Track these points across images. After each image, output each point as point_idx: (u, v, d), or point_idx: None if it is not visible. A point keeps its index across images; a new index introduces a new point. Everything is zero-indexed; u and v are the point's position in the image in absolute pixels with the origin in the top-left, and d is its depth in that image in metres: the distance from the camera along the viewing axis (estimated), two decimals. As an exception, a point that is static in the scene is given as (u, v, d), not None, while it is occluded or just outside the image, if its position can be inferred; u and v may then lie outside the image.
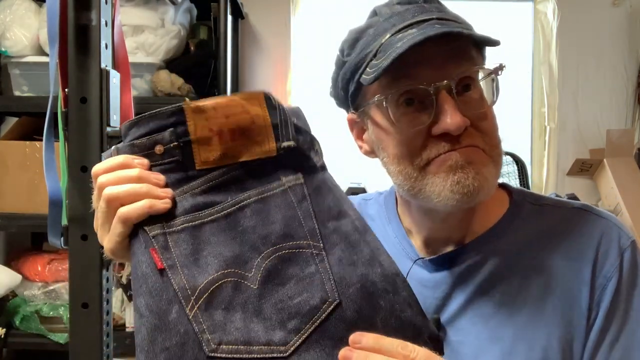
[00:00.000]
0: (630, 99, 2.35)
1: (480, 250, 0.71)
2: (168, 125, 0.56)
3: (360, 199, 0.87)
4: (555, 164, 2.35)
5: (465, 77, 0.66)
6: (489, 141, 0.67)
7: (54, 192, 0.90)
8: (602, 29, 2.34)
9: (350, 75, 0.70)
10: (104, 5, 0.93)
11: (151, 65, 1.83)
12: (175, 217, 0.56)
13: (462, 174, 0.64)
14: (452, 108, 0.63)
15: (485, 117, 0.67)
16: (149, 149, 0.56)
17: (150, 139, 0.56)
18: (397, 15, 0.68)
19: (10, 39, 1.81)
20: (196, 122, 0.56)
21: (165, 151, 0.56)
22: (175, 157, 0.56)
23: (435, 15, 0.66)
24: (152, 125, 0.56)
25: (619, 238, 0.68)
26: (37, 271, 1.85)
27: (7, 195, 1.77)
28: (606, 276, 0.66)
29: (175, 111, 0.56)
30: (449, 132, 0.63)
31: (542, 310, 0.66)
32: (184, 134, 0.56)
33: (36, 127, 1.90)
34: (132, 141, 0.57)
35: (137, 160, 0.57)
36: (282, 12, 2.36)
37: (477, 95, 0.68)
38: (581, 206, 0.73)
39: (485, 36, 0.65)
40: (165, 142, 0.56)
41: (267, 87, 2.36)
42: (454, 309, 0.70)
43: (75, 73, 0.92)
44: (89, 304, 0.95)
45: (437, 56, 0.64)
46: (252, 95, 0.58)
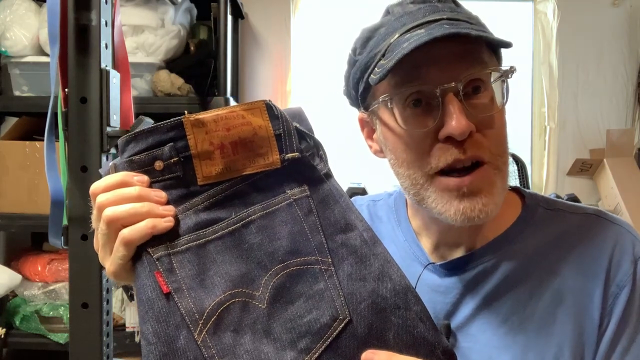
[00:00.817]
0: (630, 99, 2.35)
1: (492, 256, 0.69)
2: (167, 140, 0.54)
3: (369, 200, 0.85)
4: (555, 164, 2.35)
5: (474, 79, 0.64)
6: (495, 149, 0.65)
7: (55, 192, 0.90)
8: (602, 29, 2.34)
9: (360, 74, 0.69)
10: (104, 5, 0.93)
11: (151, 65, 1.83)
12: (179, 237, 0.54)
13: (468, 204, 0.63)
14: (457, 111, 0.61)
15: (493, 122, 0.65)
16: (148, 165, 0.55)
17: (149, 154, 0.54)
18: (408, 14, 0.67)
19: (10, 39, 1.81)
20: (196, 136, 0.54)
21: (165, 167, 0.54)
22: (176, 173, 0.54)
23: (447, 15, 0.65)
24: (151, 141, 0.54)
25: (633, 246, 0.66)
26: (37, 271, 1.85)
27: (7, 195, 1.77)
28: (619, 285, 0.65)
29: (175, 125, 0.54)
30: (453, 136, 0.62)
31: (554, 318, 0.65)
32: (184, 148, 0.54)
33: (36, 127, 1.90)
34: (130, 157, 0.55)
35: (136, 178, 0.55)
36: (282, 12, 2.36)
37: (487, 99, 0.66)
38: (595, 212, 0.71)
39: (496, 38, 0.63)
40: (165, 158, 0.54)
41: (267, 87, 2.36)
42: (464, 315, 0.69)
43: (75, 73, 0.92)
44: (89, 304, 0.95)
45: (446, 57, 0.63)
46: (253, 105, 0.56)
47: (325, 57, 2.40)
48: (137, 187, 0.55)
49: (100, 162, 0.94)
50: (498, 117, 0.66)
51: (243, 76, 2.34)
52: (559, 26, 2.31)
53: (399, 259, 0.74)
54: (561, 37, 2.31)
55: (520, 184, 2.15)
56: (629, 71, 2.35)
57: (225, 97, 1.81)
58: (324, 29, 2.44)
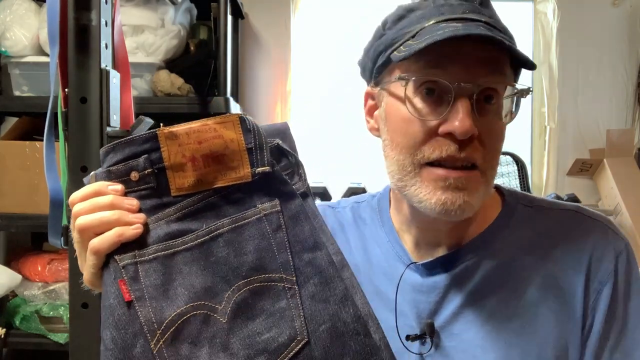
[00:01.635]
0: (630, 99, 2.35)
1: (473, 254, 0.70)
2: (142, 151, 0.56)
3: (352, 202, 0.85)
4: (555, 164, 2.35)
5: (490, 88, 0.64)
6: (489, 159, 0.66)
7: (54, 192, 0.90)
8: (602, 29, 2.34)
9: (384, 48, 0.69)
10: (104, 5, 0.93)
11: (151, 65, 1.83)
12: (148, 246, 0.55)
13: (450, 196, 0.64)
14: (465, 112, 0.62)
15: (494, 134, 0.66)
16: (125, 176, 0.56)
17: (126, 165, 0.56)
18: (448, 5, 0.67)
19: (10, 39, 1.80)
20: (170, 148, 0.55)
21: (140, 178, 0.56)
22: (150, 184, 0.56)
23: (485, 19, 0.65)
24: (128, 152, 0.56)
25: (614, 242, 0.68)
26: (37, 271, 1.85)
27: (7, 195, 1.77)
28: (601, 281, 0.66)
29: (150, 137, 0.55)
30: (455, 134, 0.62)
31: (536, 316, 0.66)
32: (158, 160, 0.56)
33: (36, 127, 1.90)
34: (108, 167, 0.57)
35: (111, 187, 0.57)
36: (282, 12, 2.36)
37: (496, 110, 0.66)
38: (574, 208, 0.72)
39: (524, 55, 0.63)
40: (140, 169, 0.56)
41: (267, 87, 2.36)
42: (447, 314, 0.69)
43: (75, 73, 0.92)
44: (89, 304, 0.95)
45: (472, 58, 0.63)
46: (227, 118, 0.57)
47: (325, 57, 2.40)
48: (110, 196, 0.56)
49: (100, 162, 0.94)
50: (500, 130, 0.67)
51: (243, 76, 2.34)
52: (559, 26, 2.31)
53: (382, 260, 0.75)
54: (561, 37, 2.31)
55: (520, 184, 2.15)
56: (629, 71, 2.35)
57: (225, 97, 1.81)
58: (324, 29, 2.44)
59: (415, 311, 0.70)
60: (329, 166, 2.41)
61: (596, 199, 2.31)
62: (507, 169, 2.19)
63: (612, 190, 2.17)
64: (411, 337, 0.70)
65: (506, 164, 2.19)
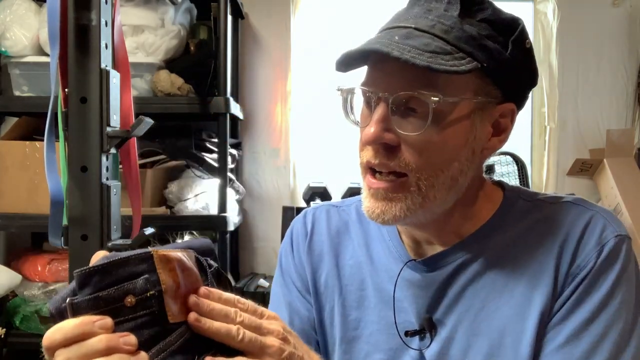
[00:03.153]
0: (630, 99, 2.35)
1: (469, 249, 0.72)
2: (139, 272, 0.49)
3: (357, 201, 0.86)
4: (555, 164, 2.35)
5: (412, 98, 0.63)
6: (416, 169, 0.65)
7: (55, 192, 0.90)
8: (602, 29, 2.34)
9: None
10: (104, 5, 0.93)
11: (151, 65, 1.83)
12: None
13: (370, 206, 0.68)
14: (376, 119, 0.64)
15: (420, 145, 0.64)
16: (117, 302, 0.48)
17: (119, 289, 0.48)
18: (397, 14, 0.70)
19: (10, 39, 1.81)
20: (164, 272, 0.50)
21: (137, 302, 0.48)
22: (152, 309, 0.49)
23: (422, 23, 0.65)
24: (122, 273, 0.48)
25: (603, 231, 0.68)
26: (37, 271, 1.85)
27: (7, 195, 1.77)
28: (580, 265, 0.66)
29: (145, 257, 0.49)
30: (365, 140, 0.66)
31: (529, 303, 0.67)
32: (157, 282, 0.49)
33: (36, 127, 1.90)
34: (96, 293, 0.47)
35: (98, 323, 0.46)
36: (282, 12, 2.36)
37: (420, 121, 0.64)
38: (573, 200, 0.73)
39: (424, 65, 0.60)
40: (138, 292, 0.48)
41: (267, 87, 2.36)
42: (444, 307, 0.71)
43: (75, 73, 0.92)
44: (89, 304, 0.95)
45: (393, 68, 0.64)
46: (191, 255, 0.54)
47: (325, 57, 2.40)
48: (102, 337, 0.45)
49: (100, 162, 0.94)
50: (428, 141, 0.65)
51: (243, 76, 2.34)
52: (559, 26, 2.31)
53: (383, 257, 0.77)
54: (561, 37, 2.31)
55: (520, 184, 2.15)
56: (629, 71, 2.34)
57: (225, 97, 1.81)
58: (324, 29, 2.44)
59: (415, 307, 0.72)
60: (329, 166, 2.41)
61: (596, 199, 2.31)
62: (507, 169, 2.19)
63: (612, 190, 2.17)
64: (410, 333, 0.72)
65: (506, 164, 2.19)
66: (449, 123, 0.65)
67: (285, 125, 2.35)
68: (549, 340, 0.66)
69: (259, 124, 2.36)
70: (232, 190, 2.05)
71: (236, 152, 2.19)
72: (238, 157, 2.24)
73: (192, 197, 1.84)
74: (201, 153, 1.91)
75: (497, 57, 0.66)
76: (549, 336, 0.66)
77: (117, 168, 1.03)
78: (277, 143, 2.36)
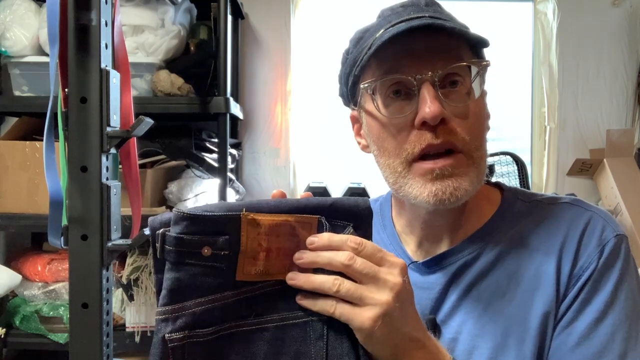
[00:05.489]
0: (630, 99, 2.35)
1: (471, 249, 0.72)
2: (222, 231, 0.55)
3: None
4: (555, 164, 2.35)
5: (451, 73, 0.67)
6: (470, 140, 0.68)
7: (54, 192, 0.90)
8: (602, 29, 2.34)
9: (350, 69, 0.74)
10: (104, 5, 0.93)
11: (151, 65, 1.83)
12: (199, 327, 0.54)
13: (440, 186, 0.66)
14: (431, 98, 0.65)
15: (468, 113, 0.68)
16: (196, 248, 0.55)
17: (201, 239, 0.54)
18: (395, 14, 0.71)
19: (10, 39, 1.81)
20: (249, 235, 0.55)
21: (212, 255, 0.54)
22: (221, 264, 0.55)
23: (430, 14, 0.69)
24: (207, 227, 0.55)
25: (602, 231, 0.69)
26: (37, 271, 1.85)
27: (7, 195, 1.77)
28: (583, 267, 0.67)
29: (232, 219, 0.55)
30: (426, 120, 0.65)
31: (531, 302, 0.68)
32: (235, 243, 0.55)
33: (36, 127, 1.90)
34: (181, 234, 0.55)
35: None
36: (282, 12, 2.36)
37: (463, 92, 0.69)
38: (571, 201, 0.74)
39: (471, 33, 0.67)
40: (216, 248, 0.55)
41: (267, 87, 2.36)
42: (447, 308, 0.71)
43: (75, 73, 0.92)
44: (89, 304, 0.95)
45: (424, 50, 0.67)
46: (307, 219, 0.57)
47: (325, 57, 2.40)
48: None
49: (100, 162, 0.94)
50: (474, 109, 0.69)
51: (243, 76, 2.34)
52: (559, 26, 2.31)
53: None
54: (561, 37, 2.31)
55: (520, 184, 2.15)
56: (629, 71, 2.35)
57: (226, 97, 1.81)
58: (324, 29, 2.44)
59: (418, 308, 0.72)
60: (329, 166, 2.41)
61: (596, 199, 2.31)
62: (507, 169, 2.19)
63: (612, 190, 2.17)
64: None
65: (506, 164, 2.19)
66: (479, 94, 0.70)
67: (285, 125, 2.35)
68: (561, 342, 0.66)
69: (258, 124, 2.36)
70: (232, 190, 2.05)
71: (236, 152, 2.19)
72: (238, 157, 2.24)
73: (192, 197, 1.84)
74: (201, 153, 1.91)
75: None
76: (561, 338, 0.66)
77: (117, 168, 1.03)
78: (277, 143, 2.36)
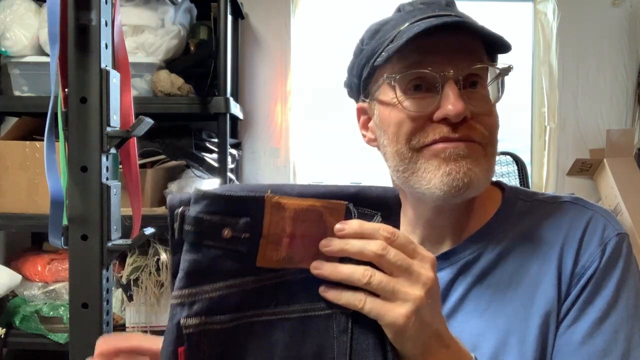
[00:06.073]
0: (630, 99, 2.35)
1: (474, 248, 0.72)
2: (244, 213, 0.51)
3: None
4: (555, 164, 2.35)
5: (473, 73, 0.68)
6: (487, 137, 0.69)
7: (55, 192, 0.90)
8: (602, 29, 2.34)
9: (366, 60, 0.73)
10: (104, 5, 0.93)
11: (151, 65, 1.83)
12: (217, 314, 0.51)
13: (454, 166, 0.66)
14: (456, 95, 0.65)
15: (486, 114, 0.69)
16: (215, 229, 0.51)
17: (222, 220, 0.51)
18: (418, 10, 0.71)
19: (10, 39, 1.81)
20: (272, 218, 0.51)
21: (232, 238, 0.51)
22: (241, 248, 0.51)
23: (454, 13, 0.70)
24: (228, 207, 0.51)
25: (604, 230, 0.69)
26: (37, 271, 1.85)
27: (7, 195, 1.77)
28: (585, 266, 0.67)
29: (256, 200, 0.51)
30: (449, 117, 0.65)
31: (532, 302, 0.68)
32: (257, 226, 0.51)
33: (36, 127, 1.90)
34: (201, 214, 0.51)
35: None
36: (282, 12, 2.36)
37: (483, 94, 0.70)
38: (572, 199, 0.74)
39: (499, 35, 0.67)
40: (237, 230, 0.51)
41: (267, 87, 2.36)
42: (450, 306, 0.71)
43: (75, 73, 0.92)
44: (89, 304, 0.95)
45: (450, 48, 0.67)
46: (335, 204, 0.53)
47: (325, 57, 2.40)
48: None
49: (100, 162, 0.94)
50: (492, 112, 0.71)
51: (243, 76, 2.34)
52: (559, 26, 2.31)
53: None
54: (561, 37, 2.31)
55: (520, 184, 2.15)
56: (629, 71, 2.34)
57: (226, 97, 1.81)
58: (324, 29, 2.44)
59: None
60: (329, 166, 2.41)
61: (596, 199, 2.31)
62: (507, 169, 2.19)
63: (612, 190, 2.17)
64: None
65: (506, 164, 2.19)
66: (496, 97, 0.71)
67: (285, 125, 2.35)
68: (565, 342, 0.66)
69: (258, 124, 2.36)
70: (232, 190, 2.04)
71: (236, 152, 2.19)
72: (238, 157, 2.24)
73: (192, 197, 1.84)
74: (201, 153, 1.91)
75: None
76: (564, 338, 0.66)
77: (117, 168, 1.03)
78: (277, 143, 2.36)
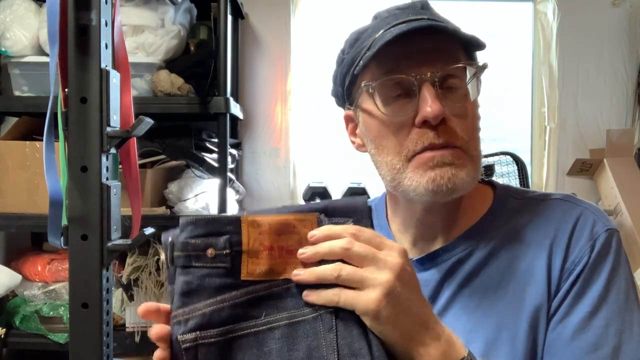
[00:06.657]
0: (630, 99, 2.35)
1: (465, 246, 0.73)
2: (224, 232, 0.58)
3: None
4: (555, 164, 2.35)
5: (449, 75, 0.69)
6: (468, 139, 0.70)
7: (54, 192, 0.90)
8: (602, 29, 2.34)
9: (347, 69, 0.74)
10: (104, 5, 0.93)
11: (151, 65, 1.83)
12: (210, 327, 0.56)
13: (439, 172, 0.67)
14: (432, 97, 0.66)
15: (466, 113, 0.70)
16: (201, 250, 0.57)
17: (204, 241, 0.57)
18: (392, 16, 0.73)
19: (10, 39, 1.81)
20: (250, 235, 0.57)
21: (216, 256, 0.57)
22: (225, 264, 0.57)
23: (428, 16, 0.71)
24: (209, 229, 0.58)
25: (593, 226, 0.70)
26: (37, 271, 1.85)
27: (7, 195, 1.77)
28: (574, 261, 0.68)
29: (233, 221, 0.58)
30: (428, 119, 0.66)
31: (523, 297, 0.69)
32: (237, 243, 0.57)
33: (36, 127, 1.90)
34: (187, 239, 0.58)
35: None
36: (282, 12, 2.36)
37: (461, 93, 0.71)
38: (562, 197, 0.75)
39: (470, 35, 0.68)
40: (219, 248, 0.57)
41: (267, 87, 2.36)
42: (441, 305, 0.72)
43: (75, 73, 0.92)
44: (89, 304, 0.95)
45: (424, 51, 0.68)
46: (306, 217, 0.59)
47: (326, 57, 2.40)
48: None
49: (100, 162, 0.94)
50: (470, 110, 0.71)
51: (243, 76, 2.34)
52: (559, 26, 2.31)
53: None
54: (561, 37, 2.31)
55: (520, 184, 2.15)
56: (629, 71, 2.35)
57: (226, 97, 1.81)
58: (324, 29, 2.44)
59: None
60: (329, 166, 2.41)
61: (596, 199, 2.31)
62: (507, 169, 2.18)
63: (612, 190, 2.17)
64: None
65: (506, 164, 2.19)
66: (475, 96, 0.72)
67: (285, 125, 2.35)
68: (556, 337, 0.67)
69: (258, 124, 2.36)
70: (232, 190, 2.05)
71: (236, 152, 2.19)
72: (238, 157, 2.24)
73: (192, 197, 1.84)
74: (201, 153, 1.91)
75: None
76: (555, 333, 0.67)
77: (117, 168, 1.03)
78: (277, 143, 2.36)
